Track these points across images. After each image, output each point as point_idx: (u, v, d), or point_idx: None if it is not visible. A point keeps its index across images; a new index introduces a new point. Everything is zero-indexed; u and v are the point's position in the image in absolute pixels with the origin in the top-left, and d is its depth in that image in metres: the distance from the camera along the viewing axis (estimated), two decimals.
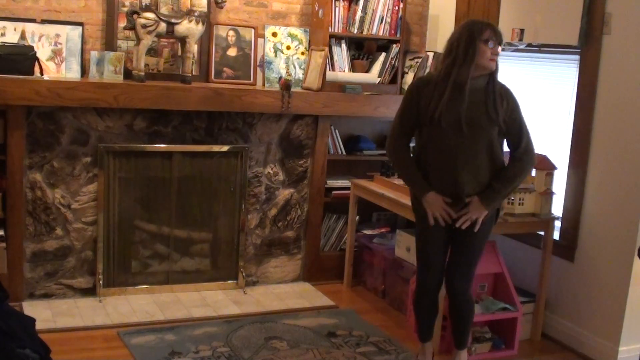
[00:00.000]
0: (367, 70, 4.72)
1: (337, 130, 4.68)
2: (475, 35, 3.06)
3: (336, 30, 4.51)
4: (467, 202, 3.16)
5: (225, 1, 4.19)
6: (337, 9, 4.48)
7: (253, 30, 4.48)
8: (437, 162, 3.19)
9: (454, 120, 3.09)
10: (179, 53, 4.25)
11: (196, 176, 4.35)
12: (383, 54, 4.70)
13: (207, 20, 4.24)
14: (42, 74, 3.93)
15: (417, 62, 4.75)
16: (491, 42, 3.07)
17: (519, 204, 3.82)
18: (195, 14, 4.10)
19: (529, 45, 4.18)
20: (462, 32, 3.11)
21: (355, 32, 4.58)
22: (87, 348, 3.58)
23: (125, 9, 4.02)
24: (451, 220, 3.19)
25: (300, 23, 4.64)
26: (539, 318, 4.00)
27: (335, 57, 4.58)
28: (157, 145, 4.19)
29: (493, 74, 3.14)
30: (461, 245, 3.27)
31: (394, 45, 4.68)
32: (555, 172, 3.89)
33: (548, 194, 3.87)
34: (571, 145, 3.95)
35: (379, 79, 4.68)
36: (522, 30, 4.14)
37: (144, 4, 4.12)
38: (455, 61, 3.08)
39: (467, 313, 3.38)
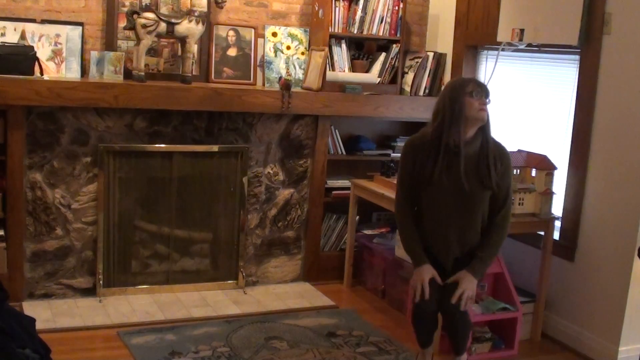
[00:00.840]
0: (367, 70, 4.72)
1: (337, 130, 4.67)
2: (458, 91, 3.06)
3: (336, 30, 4.51)
4: (453, 280, 3.14)
5: (225, 1, 4.19)
6: (337, 9, 4.48)
7: (253, 30, 4.48)
8: (431, 226, 3.19)
9: (448, 188, 3.09)
10: (179, 53, 4.25)
11: (196, 176, 4.35)
12: (383, 54, 4.70)
13: (207, 20, 4.24)
14: (42, 74, 3.93)
15: (417, 62, 4.75)
16: (476, 93, 3.05)
17: (519, 204, 3.82)
18: (195, 14, 4.10)
19: (529, 45, 4.17)
20: (445, 91, 3.14)
21: (355, 32, 4.58)
22: (87, 348, 3.58)
23: (125, 9, 4.02)
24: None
25: (300, 23, 4.64)
26: (539, 318, 4.00)
27: (335, 57, 4.58)
28: (157, 145, 4.19)
29: (485, 130, 3.11)
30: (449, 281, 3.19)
31: (394, 45, 4.68)
32: (555, 172, 3.89)
33: (548, 194, 3.87)
34: (571, 145, 3.95)
35: (379, 79, 4.68)
36: (522, 30, 4.14)
37: (144, 4, 4.12)
38: (444, 121, 3.06)
39: (463, 329, 3.32)
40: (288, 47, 4.55)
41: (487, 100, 3.10)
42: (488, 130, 3.13)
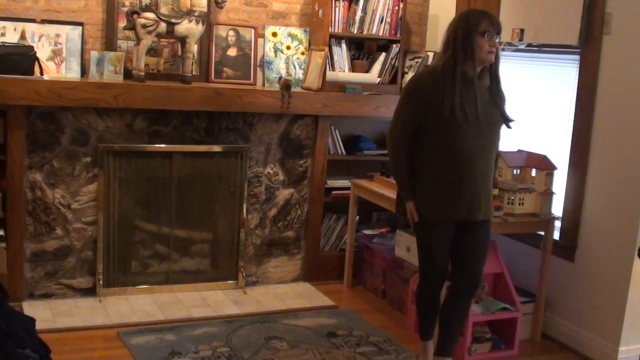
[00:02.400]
0: (367, 70, 4.72)
1: (337, 130, 4.68)
2: (471, 29, 2.98)
3: (336, 30, 4.51)
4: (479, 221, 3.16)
5: (225, 1, 4.19)
6: (337, 9, 4.48)
7: (253, 30, 4.48)
8: (452, 166, 3.08)
9: (470, 118, 3.02)
10: (179, 53, 4.25)
11: (196, 176, 4.35)
12: (383, 54, 4.70)
13: (207, 20, 4.24)
14: (42, 74, 3.93)
15: (417, 62, 4.75)
16: (488, 34, 2.99)
17: (519, 204, 3.82)
18: (195, 14, 4.10)
19: (529, 45, 4.17)
20: (458, 24, 3.03)
21: (355, 32, 4.58)
22: (87, 348, 3.58)
23: (125, 9, 4.02)
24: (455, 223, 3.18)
25: (300, 23, 4.64)
26: (539, 318, 4.00)
27: (335, 57, 4.58)
28: (157, 145, 4.19)
29: (493, 67, 3.09)
30: (468, 245, 3.20)
31: (394, 45, 4.68)
32: (555, 172, 3.89)
33: (548, 194, 3.87)
34: (571, 145, 3.95)
35: (379, 79, 4.68)
36: (522, 30, 4.14)
37: (144, 4, 4.12)
38: (457, 57, 3.01)
39: (463, 317, 3.33)
40: (288, 47, 4.55)
41: (498, 40, 3.03)
42: (497, 65, 3.10)
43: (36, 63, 3.88)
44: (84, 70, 4.10)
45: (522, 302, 3.88)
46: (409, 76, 4.75)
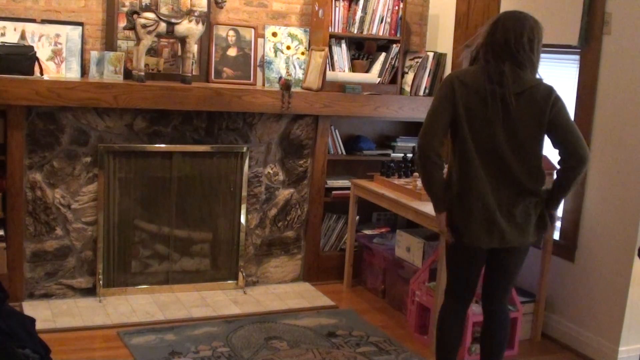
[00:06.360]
0: (367, 70, 4.72)
1: (337, 130, 4.68)
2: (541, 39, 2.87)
3: (336, 30, 4.51)
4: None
5: (225, 1, 4.20)
6: (337, 9, 4.49)
7: (253, 30, 4.48)
8: None
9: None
10: (179, 53, 4.25)
11: (196, 176, 4.35)
12: (383, 54, 4.70)
13: (207, 20, 4.24)
14: (42, 74, 3.93)
15: (417, 62, 4.75)
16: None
17: None
18: (195, 14, 4.10)
19: None
20: (539, 30, 2.88)
21: (355, 32, 4.58)
22: (87, 348, 3.58)
23: (125, 9, 4.02)
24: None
25: (300, 23, 4.64)
26: (539, 318, 4.00)
27: (335, 57, 4.58)
28: (157, 145, 4.19)
29: None
30: (501, 265, 3.00)
31: (394, 45, 4.68)
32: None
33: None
34: None
35: (379, 79, 4.68)
36: None
37: (144, 4, 4.13)
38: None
39: (502, 333, 3.11)
40: (288, 47, 4.55)
41: None
42: None
43: (36, 63, 3.88)
44: (84, 70, 4.10)
45: (522, 302, 3.88)
46: (409, 76, 4.75)
